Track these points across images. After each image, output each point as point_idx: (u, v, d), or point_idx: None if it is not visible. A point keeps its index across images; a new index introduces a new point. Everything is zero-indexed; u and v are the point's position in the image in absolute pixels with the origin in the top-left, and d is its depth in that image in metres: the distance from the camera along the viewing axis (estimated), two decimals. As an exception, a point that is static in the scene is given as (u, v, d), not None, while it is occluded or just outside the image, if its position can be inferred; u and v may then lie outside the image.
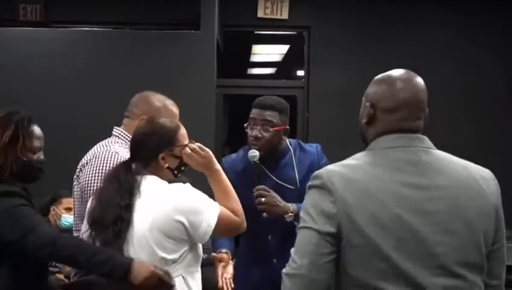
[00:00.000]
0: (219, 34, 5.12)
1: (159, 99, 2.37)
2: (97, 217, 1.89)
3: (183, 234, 1.86)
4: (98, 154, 2.21)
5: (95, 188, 2.11)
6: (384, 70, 1.61)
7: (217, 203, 1.96)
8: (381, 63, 5.21)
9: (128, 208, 1.86)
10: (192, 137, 5.02)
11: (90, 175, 2.17)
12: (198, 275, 1.98)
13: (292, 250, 1.43)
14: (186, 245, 1.89)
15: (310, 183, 1.47)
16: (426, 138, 1.50)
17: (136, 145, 2.00)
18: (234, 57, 6.29)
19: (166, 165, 1.99)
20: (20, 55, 4.49)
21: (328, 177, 1.42)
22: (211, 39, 4.51)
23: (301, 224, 1.43)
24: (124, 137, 2.31)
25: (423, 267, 1.36)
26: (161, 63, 4.49)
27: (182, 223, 1.85)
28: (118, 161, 2.13)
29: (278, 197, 2.45)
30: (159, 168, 1.98)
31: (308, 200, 1.45)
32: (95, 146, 2.30)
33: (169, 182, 1.98)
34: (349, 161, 1.49)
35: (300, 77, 5.74)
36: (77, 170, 2.29)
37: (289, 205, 2.45)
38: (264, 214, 2.45)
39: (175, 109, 2.39)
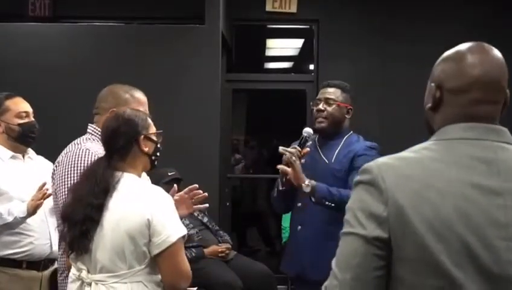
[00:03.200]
0: (228, 29, 5.10)
1: (125, 90, 2.33)
2: (68, 214, 1.90)
3: (144, 236, 1.82)
4: (70, 152, 2.20)
5: (67, 186, 2.11)
6: (393, 64, 1.50)
7: (184, 228, 1.91)
8: (390, 56, 5.20)
9: (100, 207, 1.85)
10: (198, 131, 5.03)
11: (62, 173, 2.16)
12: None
13: (333, 261, 1.17)
14: (146, 256, 1.85)
15: (357, 178, 1.21)
16: (506, 131, 1.21)
17: (110, 137, 1.95)
18: (246, 52, 6.28)
19: (147, 148, 1.97)
20: (28, 50, 4.52)
21: (379, 173, 1.15)
22: (216, 33, 4.49)
23: (346, 229, 1.17)
24: (97, 133, 2.29)
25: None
26: (167, 57, 4.49)
27: (149, 222, 1.81)
28: (90, 157, 2.14)
29: (300, 166, 2.51)
30: (137, 156, 1.97)
31: (354, 199, 1.19)
32: (68, 145, 2.29)
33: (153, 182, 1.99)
34: (407, 153, 1.22)
35: (311, 71, 5.71)
36: (52, 169, 2.30)
37: (308, 179, 2.49)
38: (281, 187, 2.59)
39: (143, 97, 2.36)
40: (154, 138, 2.02)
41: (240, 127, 7.34)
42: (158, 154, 2.05)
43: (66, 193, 2.09)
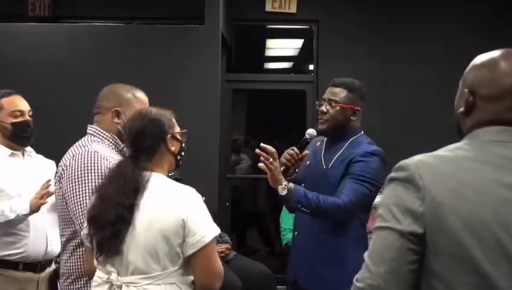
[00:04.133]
0: (227, 29, 5.10)
1: (127, 90, 2.30)
2: (96, 216, 1.84)
3: (178, 236, 1.79)
4: (77, 155, 2.13)
5: (81, 189, 2.06)
6: (393, 64, 1.51)
7: (217, 228, 1.88)
8: (390, 56, 5.20)
9: (131, 207, 1.80)
10: (197, 131, 5.05)
11: (73, 177, 2.09)
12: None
13: (365, 254, 1.20)
14: (180, 257, 1.82)
15: (392, 174, 1.23)
16: None
17: (137, 137, 1.91)
18: (246, 52, 6.28)
19: (173, 147, 1.96)
20: (28, 50, 4.52)
21: (417, 169, 1.18)
22: (215, 33, 4.49)
23: (379, 223, 1.20)
24: (99, 134, 2.25)
25: None
26: (166, 57, 4.49)
27: (184, 222, 1.78)
28: (100, 160, 2.10)
29: (279, 168, 2.39)
30: (164, 156, 1.94)
31: (388, 195, 1.21)
32: (73, 147, 2.23)
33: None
34: (441, 151, 1.25)
35: (311, 71, 5.72)
36: (57, 173, 2.23)
37: (285, 181, 2.37)
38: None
39: (144, 97, 2.33)
40: (179, 137, 2.00)
41: (240, 127, 7.34)
42: (183, 153, 2.02)
43: (80, 196, 2.05)
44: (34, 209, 2.64)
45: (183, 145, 2.02)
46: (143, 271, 1.79)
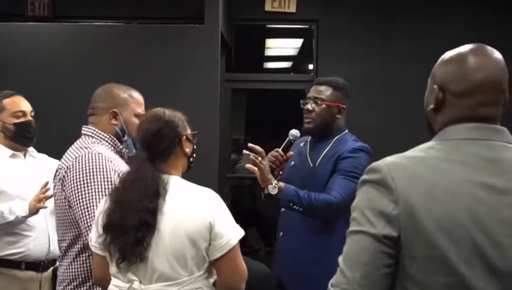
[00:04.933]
0: (227, 29, 5.10)
1: (123, 90, 2.26)
2: (116, 221, 1.76)
3: (205, 239, 1.75)
4: (80, 157, 2.07)
5: (88, 191, 2.00)
6: (393, 64, 1.50)
7: (242, 230, 1.85)
8: (390, 56, 5.20)
9: (155, 212, 1.74)
10: (197, 131, 5.01)
11: (78, 179, 2.02)
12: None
13: (340, 259, 1.17)
14: (205, 260, 1.79)
15: (364, 177, 1.21)
16: (506, 130, 1.23)
17: (152, 139, 1.86)
18: (245, 52, 6.28)
19: (187, 149, 1.92)
20: (28, 49, 4.51)
21: (389, 172, 1.16)
22: (215, 33, 4.48)
23: (353, 227, 1.17)
24: (98, 136, 2.20)
25: (501, 287, 1.10)
26: (166, 56, 4.48)
27: (211, 225, 1.75)
28: (105, 161, 2.05)
29: (268, 167, 2.38)
30: (178, 157, 1.90)
31: (361, 198, 1.19)
32: (72, 149, 2.17)
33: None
34: (413, 152, 1.23)
35: (310, 71, 5.72)
36: (58, 174, 2.15)
37: (275, 180, 2.37)
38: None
39: (140, 97, 2.30)
40: (191, 138, 1.97)
41: (240, 127, 7.34)
42: (195, 155, 1.99)
43: (87, 199, 1.99)
44: (33, 211, 2.64)
45: (195, 147, 1.99)
46: (169, 277, 1.73)
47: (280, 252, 2.63)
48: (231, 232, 1.80)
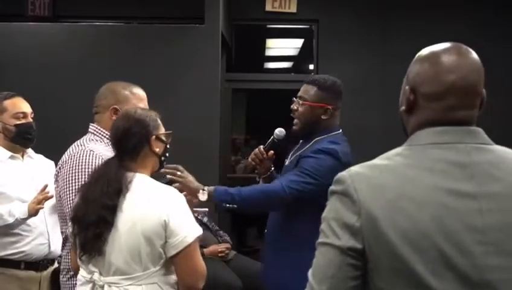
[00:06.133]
0: (227, 29, 5.10)
1: (124, 87, 2.32)
2: (79, 216, 1.85)
3: (160, 237, 1.80)
4: (73, 154, 2.17)
5: (73, 188, 2.08)
6: (393, 63, 1.45)
7: (200, 228, 1.89)
8: (390, 56, 5.19)
9: (114, 209, 1.81)
10: (198, 131, 5.03)
11: (67, 175, 2.13)
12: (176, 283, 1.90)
13: (309, 272, 1.15)
14: (161, 257, 1.83)
15: (332, 187, 1.18)
16: (481, 131, 1.17)
17: (121, 137, 1.91)
18: (246, 52, 6.28)
19: (157, 149, 1.96)
20: (28, 49, 4.52)
21: (352, 183, 1.13)
22: (215, 33, 4.49)
23: (321, 239, 1.15)
24: (99, 133, 2.28)
25: None
26: (166, 57, 4.48)
27: (165, 223, 1.79)
28: (94, 159, 2.12)
29: (190, 177, 2.30)
30: (147, 156, 1.95)
31: (329, 209, 1.16)
32: (71, 146, 2.26)
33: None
34: (380, 160, 1.19)
35: (311, 71, 5.71)
36: (56, 171, 2.27)
37: (204, 187, 2.27)
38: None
39: (142, 93, 2.35)
40: (164, 138, 2.00)
41: (240, 127, 7.34)
42: (167, 154, 2.04)
43: (73, 195, 2.07)
44: (32, 213, 2.65)
45: (168, 146, 2.03)
46: (124, 272, 1.80)
47: (263, 253, 2.62)
48: (186, 230, 1.83)
